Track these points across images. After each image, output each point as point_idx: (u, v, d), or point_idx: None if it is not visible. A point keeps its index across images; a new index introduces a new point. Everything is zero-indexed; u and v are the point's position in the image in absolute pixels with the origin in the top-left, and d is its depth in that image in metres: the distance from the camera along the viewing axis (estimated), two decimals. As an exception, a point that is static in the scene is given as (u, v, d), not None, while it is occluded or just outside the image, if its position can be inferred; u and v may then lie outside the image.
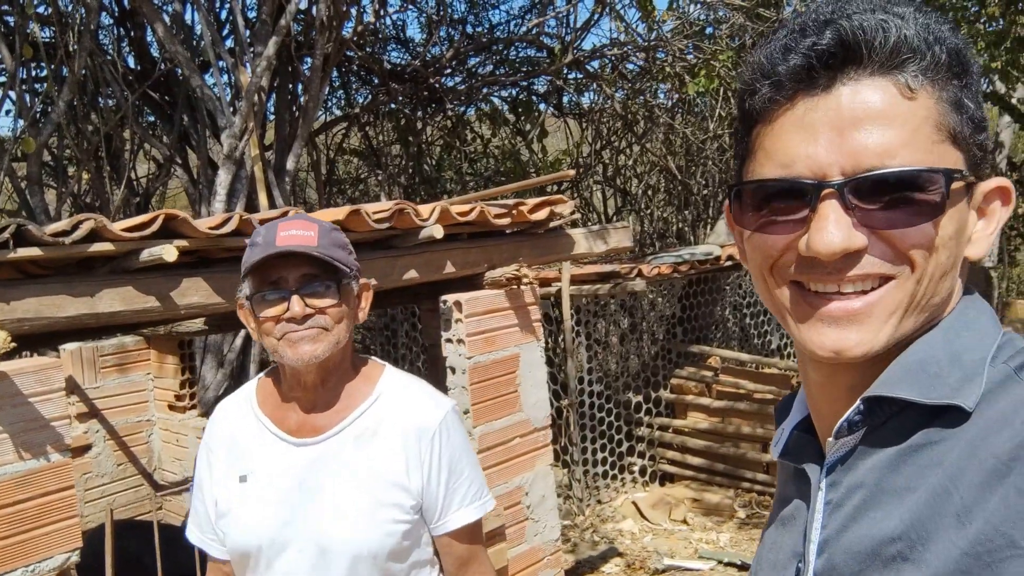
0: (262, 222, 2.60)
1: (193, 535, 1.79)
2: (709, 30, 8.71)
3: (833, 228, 0.72)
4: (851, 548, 0.75)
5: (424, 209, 3.05)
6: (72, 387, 4.73)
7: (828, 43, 0.74)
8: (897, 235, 0.73)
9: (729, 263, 6.55)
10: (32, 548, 2.14)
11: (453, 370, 3.21)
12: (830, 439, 0.80)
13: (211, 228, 2.45)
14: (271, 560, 1.63)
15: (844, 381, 0.81)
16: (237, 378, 6.25)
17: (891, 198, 0.72)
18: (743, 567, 4.90)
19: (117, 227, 2.31)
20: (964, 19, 7.40)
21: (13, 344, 1.95)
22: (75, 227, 2.24)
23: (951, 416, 0.72)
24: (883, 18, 0.73)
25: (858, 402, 0.77)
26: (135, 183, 7.65)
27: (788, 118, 0.76)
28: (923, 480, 0.71)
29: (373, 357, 1.82)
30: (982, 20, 7.36)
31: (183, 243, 2.37)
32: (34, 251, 2.20)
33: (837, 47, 0.73)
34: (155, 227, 2.34)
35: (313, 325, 1.59)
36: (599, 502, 6.06)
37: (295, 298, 1.58)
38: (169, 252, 2.28)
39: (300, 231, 1.59)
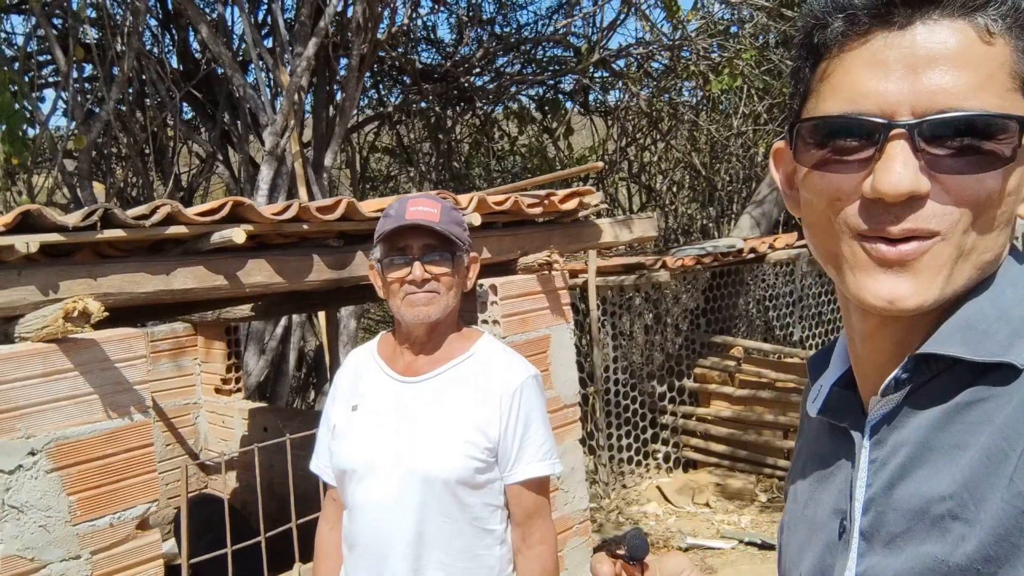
0: (318, 209, 2.85)
1: (313, 464, 2.11)
2: (733, 29, 8.88)
3: (901, 168, 0.70)
4: (899, 506, 0.74)
5: (463, 199, 3.28)
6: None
7: None
8: (959, 183, 0.71)
9: (751, 256, 6.72)
10: (118, 498, 2.38)
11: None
12: (875, 397, 0.80)
13: (274, 214, 2.69)
14: (363, 477, 1.88)
15: (892, 335, 0.80)
16: (277, 365, 6.52)
17: (960, 144, 0.70)
18: (764, 546, 5.09)
19: (190, 212, 2.56)
20: None
21: (106, 313, 2.20)
22: (153, 211, 2.49)
23: (1000, 373, 0.72)
24: None
25: (906, 360, 0.77)
26: (178, 178, 7.95)
27: (860, 54, 0.74)
28: (974, 438, 0.71)
29: (476, 327, 2.10)
30: None
31: (250, 227, 2.61)
32: (118, 232, 2.45)
33: None
34: (224, 212, 2.59)
35: (429, 289, 1.88)
36: (624, 487, 6.26)
37: (417, 264, 1.87)
38: (239, 235, 2.52)
39: (426, 208, 1.88)
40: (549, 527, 1.99)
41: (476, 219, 3.26)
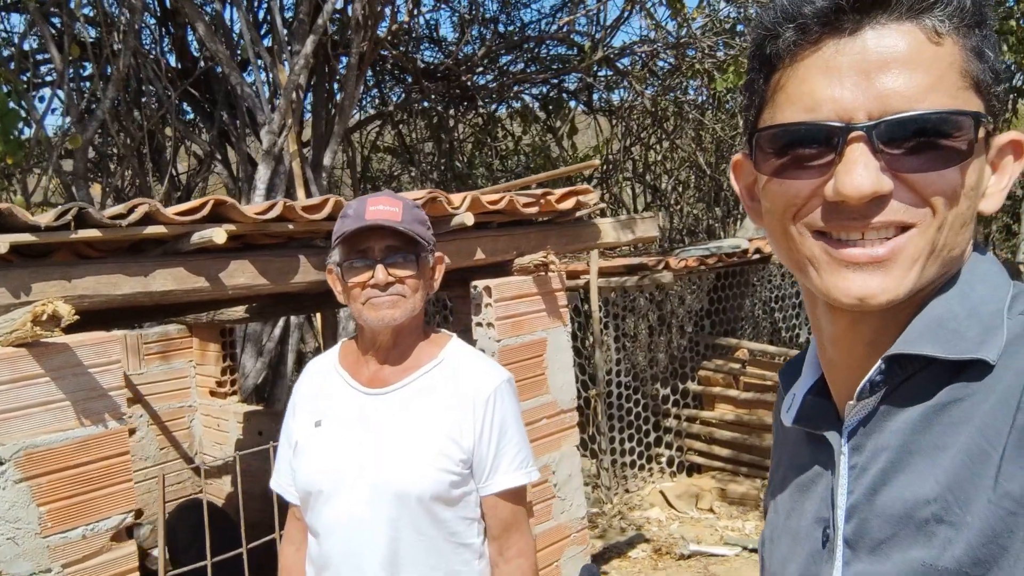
0: (304, 209, 2.75)
1: (274, 482, 1.98)
2: (739, 27, 8.78)
3: (862, 171, 0.71)
4: (883, 512, 0.74)
5: (456, 198, 3.18)
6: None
7: None
8: (922, 180, 0.72)
9: (756, 256, 6.62)
10: (91, 509, 2.29)
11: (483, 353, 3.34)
12: (851, 402, 0.79)
13: (257, 214, 2.60)
14: (330, 497, 1.78)
15: (863, 336, 0.79)
16: (275, 367, 6.44)
17: (918, 143, 0.71)
18: (768, 553, 4.98)
19: (170, 211, 2.46)
20: (996, 14, 7.38)
21: (77, 316, 2.11)
22: (131, 211, 2.40)
23: (974, 370, 0.72)
24: None
25: (879, 362, 0.76)
26: (176, 178, 7.88)
27: (813, 62, 0.74)
28: (953, 438, 0.71)
29: (444, 329, 1.99)
30: (1016, 17, 7.33)
31: (231, 227, 2.52)
32: (93, 232, 2.36)
33: None
34: (205, 212, 2.49)
35: (393, 292, 1.77)
36: (627, 491, 6.16)
37: (379, 267, 1.76)
38: (219, 235, 2.43)
39: (387, 207, 1.77)
40: (527, 539, 1.89)
41: (469, 219, 3.16)
